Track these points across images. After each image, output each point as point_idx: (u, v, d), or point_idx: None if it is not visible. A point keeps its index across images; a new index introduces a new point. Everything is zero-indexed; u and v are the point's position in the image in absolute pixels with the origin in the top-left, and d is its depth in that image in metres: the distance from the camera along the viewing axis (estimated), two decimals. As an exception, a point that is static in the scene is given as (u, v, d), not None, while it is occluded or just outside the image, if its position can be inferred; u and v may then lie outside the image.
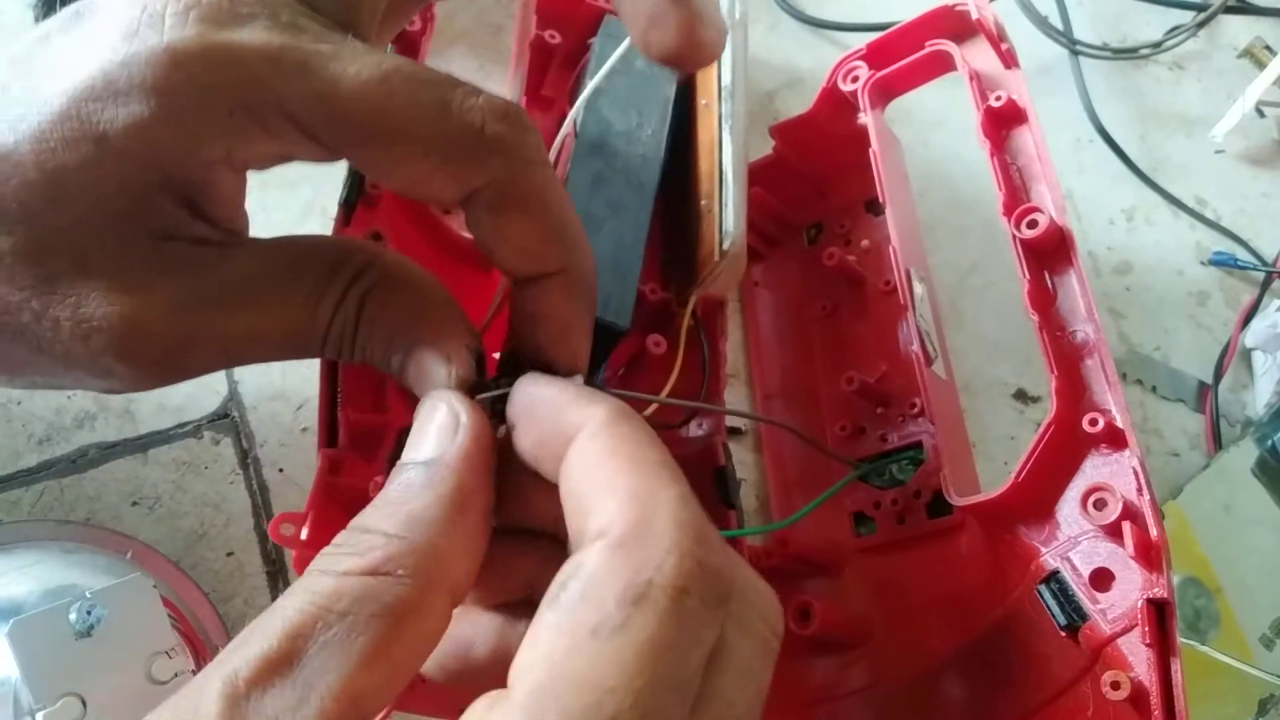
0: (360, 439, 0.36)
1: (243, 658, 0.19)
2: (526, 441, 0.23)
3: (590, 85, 0.39)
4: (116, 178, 0.22)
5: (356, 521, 0.21)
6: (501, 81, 0.53)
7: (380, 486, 0.33)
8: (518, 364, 0.25)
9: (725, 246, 0.40)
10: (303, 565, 0.32)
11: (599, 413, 0.22)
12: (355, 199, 0.37)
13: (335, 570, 0.20)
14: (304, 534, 0.32)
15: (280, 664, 0.19)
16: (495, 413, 0.24)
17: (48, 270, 0.23)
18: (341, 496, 0.35)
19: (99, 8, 0.23)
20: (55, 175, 0.22)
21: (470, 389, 0.24)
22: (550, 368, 0.25)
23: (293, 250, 0.25)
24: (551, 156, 0.39)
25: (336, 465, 0.34)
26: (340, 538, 0.21)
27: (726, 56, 0.44)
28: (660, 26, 0.26)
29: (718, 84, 0.43)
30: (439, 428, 0.23)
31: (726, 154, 0.42)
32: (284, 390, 0.48)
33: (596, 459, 0.21)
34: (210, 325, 0.24)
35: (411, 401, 0.25)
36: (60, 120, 0.22)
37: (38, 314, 0.23)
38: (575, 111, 0.39)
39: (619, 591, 0.19)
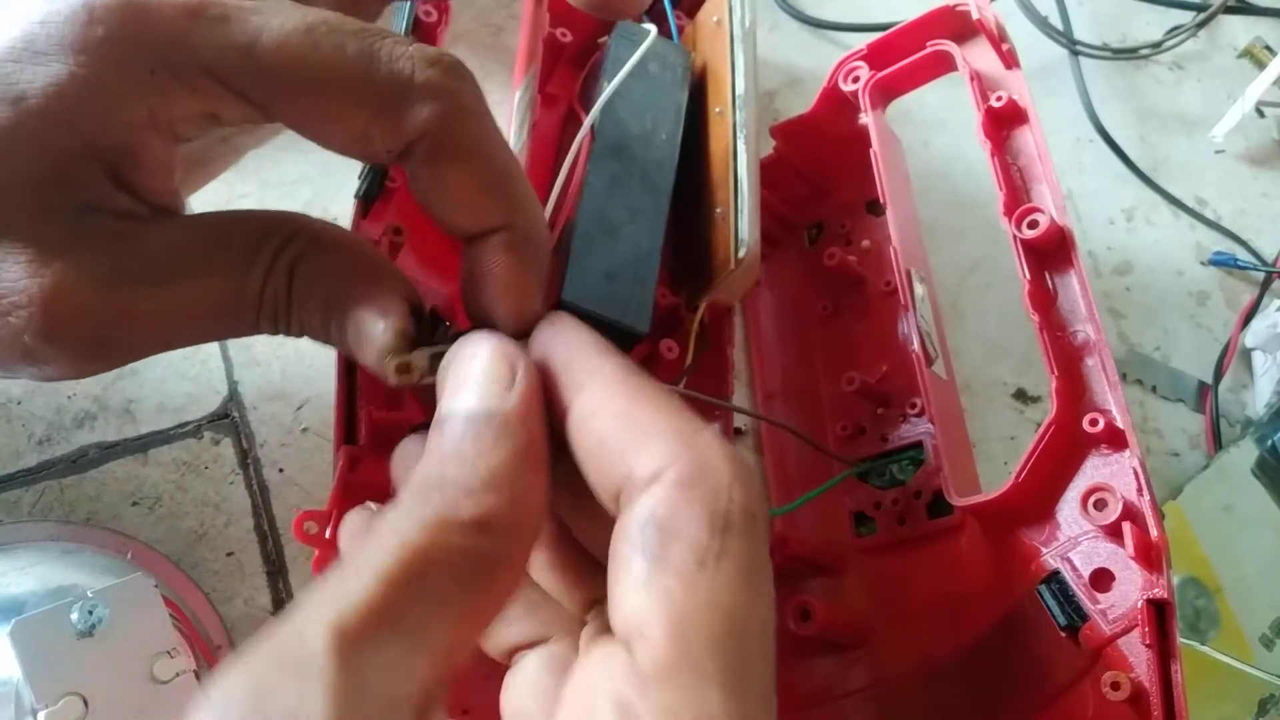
0: (379, 436, 0.35)
1: (345, 604, 0.18)
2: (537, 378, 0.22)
3: (610, 87, 0.38)
4: (36, 142, 0.22)
5: (430, 475, 0.20)
6: (502, 81, 0.53)
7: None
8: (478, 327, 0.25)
9: (741, 254, 0.40)
10: (323, 565, 0.32)
11: (612, 363, 0.22)
12: (376, 192, 0.36)
13: (428, 521, 0.19)
14: (329, 532, 0.32)
15: (384, 614, 0.18)
16: (433, 369, 0.23)
17: None
18: (361, 494, 0.34)
19: None
20: None
21: (410, 344, 0.23)
22: (497, 328, 0.24)
23: (219, 222, 0.24)
24: (570, 158, 0.39)
25: (356, 462, 0.34)
26: (417, 491, 0.20)
27: (740, 65, 0.44)
28: None
29: (731, 92, 0.43)
30: (491, 377, 0.22)
31: (741, 162, 0.42)
32: (284, 390, 0.48)
33: (627, 406, 0.21)
34: (138, 300, 0.23)
35: (424, 396, 0.24)
36: None
37: None
38: (594, 114, 0.39)
39: (707, 524, 0.19)
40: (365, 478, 0.34)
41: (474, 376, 0.22)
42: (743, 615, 0.18)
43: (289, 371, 0.48)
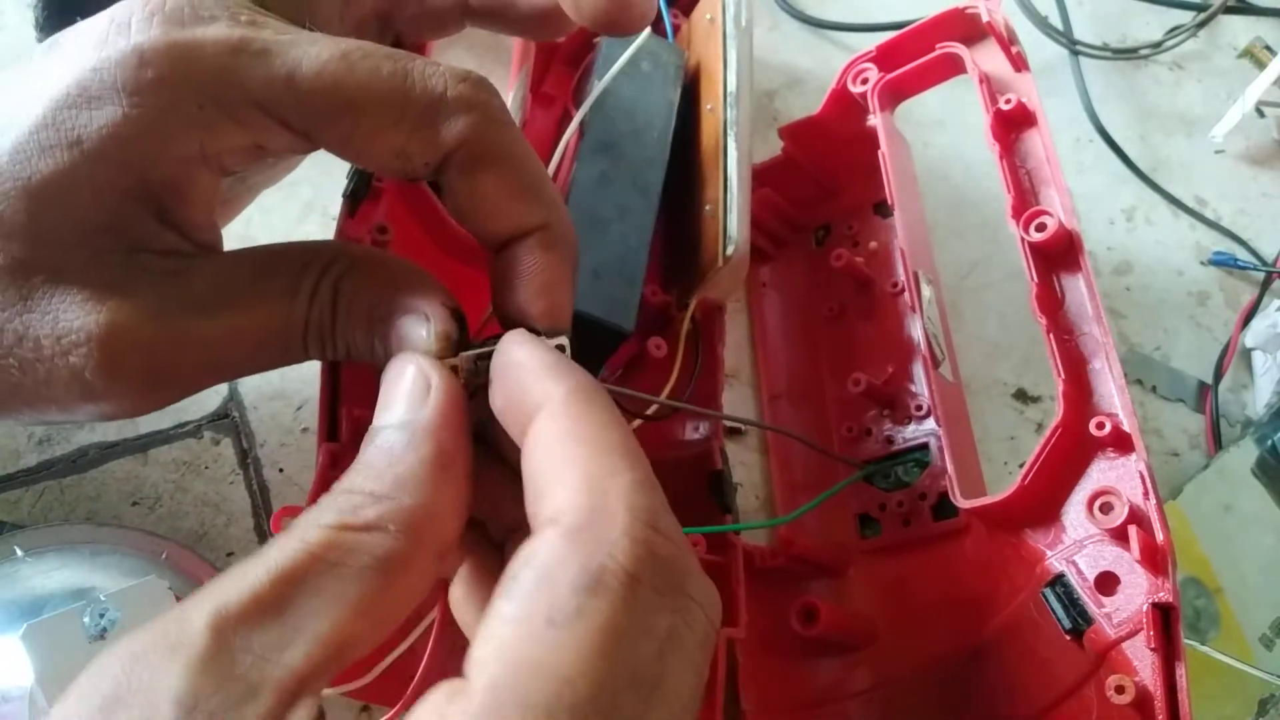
0: (360, 434, 0.35)
1: (231, 593, 0.19)
2: (498, 404, 0.23)
3: (599, 86, 0.38)
4: (91, 185, 0.23)
5: (342, 485, 0.21)
6: (501, 81, 0.52)
7: None
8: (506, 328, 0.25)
9: (729, 252, 0.40)
10: None
11: (558, 391, 0.21)
12: (364, 192, 0.37)
13: (326, 524, 0.20)
14: None
15: (270, 604, 0.19)
16: (480, 370, 0.24)
17: (27, 287, 0.23)
18: None
19: (77, 29, 0.23)
20: (32, 186, 0.22)
21: (454, 347, 0.24)
22: (532, 329, 0.25)
23: (260, 255, 0.25)
24: (557, 156, 0.39)
25: (337, 459, 0.34)
26: (326, 500, 0.21)
27: (733, 62, 0.44)
28: None
29: (723, 89, 0.43)
30: (409, 390, 0.23)
31: (731, 160, 0.42)
32: (284, 390, 0.47)
33: (552, 441, 0.21)
34: (190, 331, 0.24)
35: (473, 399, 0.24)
36: (37, 129, 0.22)
37: (19, 335, 0.23)
38: (583, 111, 0.39)
39: (572, 579, 0.18)
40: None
41: (396, 394, 0.23)
42: (576, 684, 0.17)
43: (289, 372, 0.47)
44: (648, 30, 0.41)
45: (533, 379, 0.22)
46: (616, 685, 0.18)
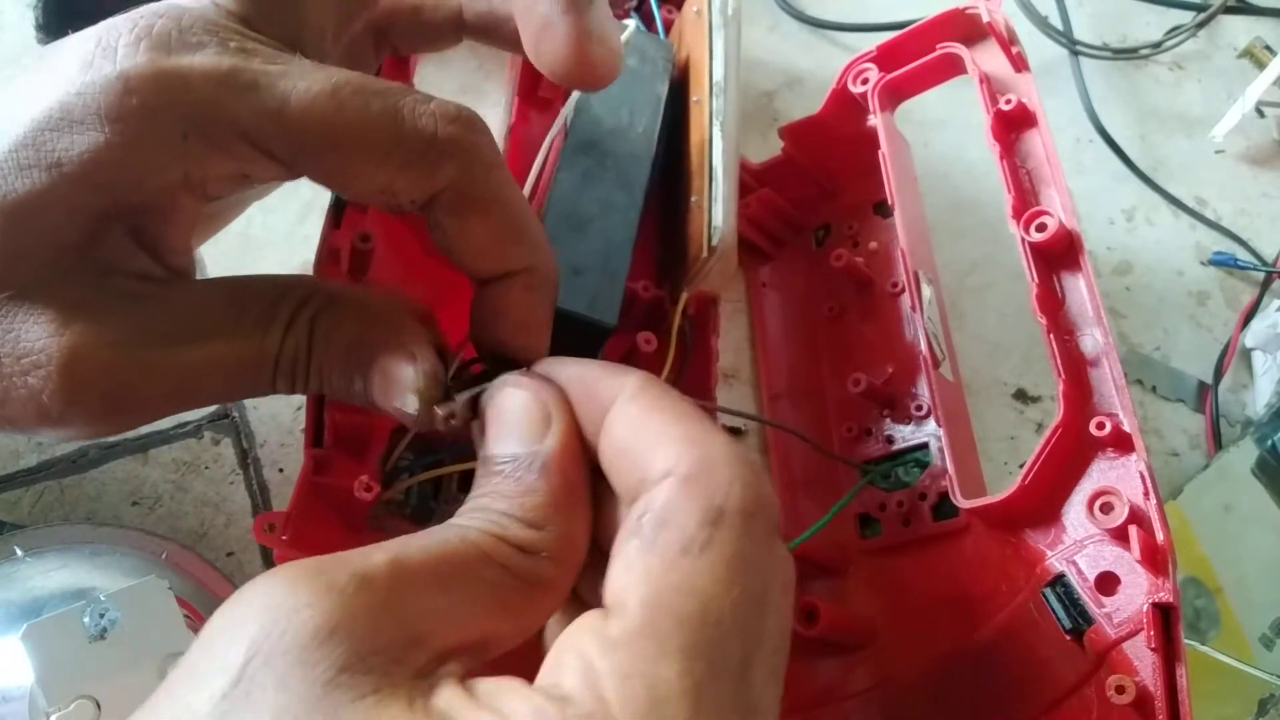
0: (346, 439, 0.35)
1: (411, 550, 0.20)
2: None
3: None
4: (67, 207, 0.22)
5: (479, 504, 0.22)
6: (501, 81, 0.53)
7: (366, 485, 0.33)
8: (489, 359, 0.26)
9: (714, 243, 0.40)
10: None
11: (630, 381, 0.23)
12: (345, 200, 0.37)
13: (485, 530, 0.21)
14: (285, 535, 0.32)
15: (440, 576, 0.20)
16: (474, 412, 0.24)
17: None
18: (327, 496, 0.35)
19: (62, 47, 0.23)
20: (5, 204, 0.22)
21: (440, 385, 0.24)
22: (511, 360, 0.26)
23: (234, 286, 0.25)
24: (541, 156, 0.39)
25: (323, 466, 0.34)
26: (473, 513, 0.22)
27: (719, 52, 0.44)
28: (550, 35, 0.26)
29: (709, 80, 0.43)
30: (530, 420, 0.23)
31: (716, 150, 0.42)
32: (284, 390, 0.48)
33: (640, 418, 0.22)
34: (153, 363, 0.24)
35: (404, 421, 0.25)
36: (16, 149, 0.22)
37: None
38: (565, 111, 0.39)
39: (698, 516, 0.20)
40: (332, 480, 0.34)
41: (510, 423, 0.23)
42: (717, 601, 0.19)
43: (290, 371, 0.48)
44: (633, 25, 0.41)
45: (597, 378, 0.23)
46: (744, 604, 0.20)
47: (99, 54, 0.22)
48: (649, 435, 0.22)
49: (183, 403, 0.25)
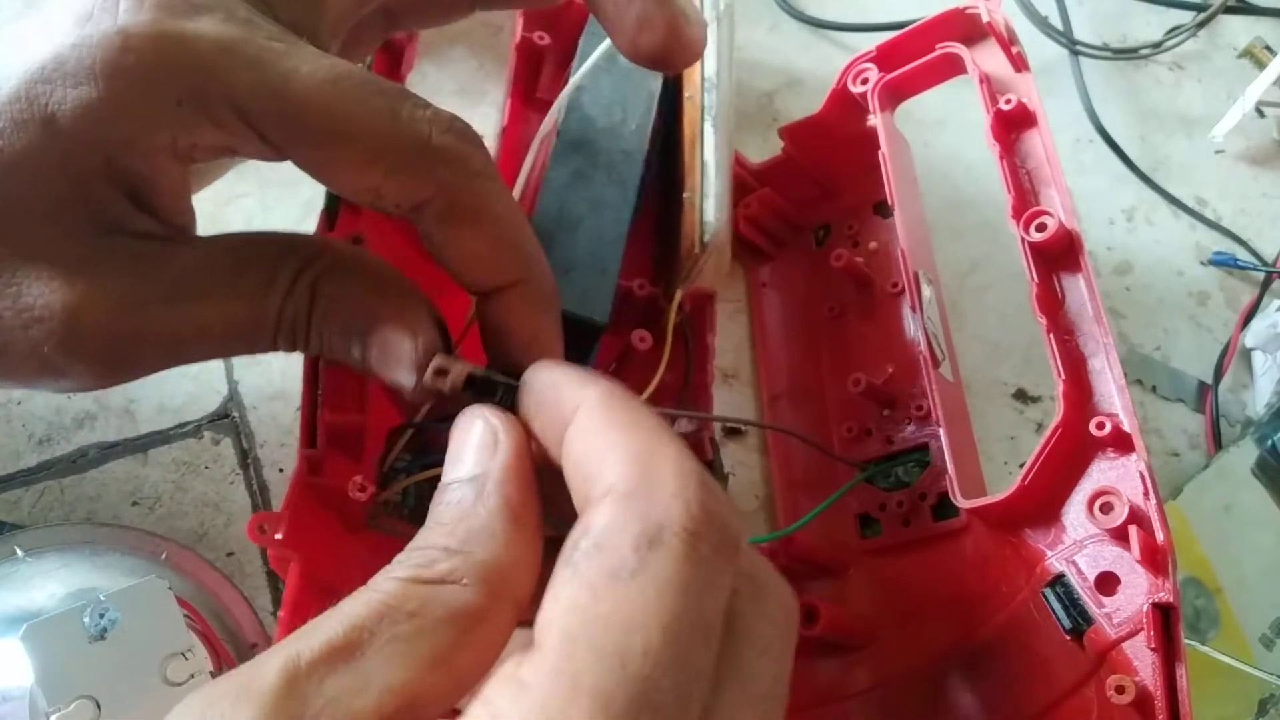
0: (340, 439, 0.35)
1: (305, 642, 0.19)
2: (536, 429, 0.23)
3: (571, 83, 0.38)
4: (61, 161, 0.22)
5: (415, 542, 0.21)
6: (500, 81, 0.52)
7: (360, 486, 0.33)
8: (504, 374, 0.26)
9: (706, 239, 0.40)
10: (279, 564, 0.33)
11: (592, 392, 0.22)
12: (338, 201, 0.37)
13: (400, 577, 0.20)
14: (279, 534, 0.32)
15: (344, 652, 0.19)
16: (468, 384, 0.24)
17: None
18: (323, 497, 0.35)
19: None
20: (2, 160, 0.22)
21: (439, 362, 0.24)
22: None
23: (237, 244, 0.25)
24: (532, 156, 0.39)
25: (316, 466, 0.34)
26: (401, 556, 0.21)
27: (711, 48, 0.44)
28: (649, 29, 0.27)
29: (701, 76, 0.43)
30: (478, 445, 0.23)
31: (708, 146, 0.42)
32: (284, 390, 0.47)
33: (595, 430, 0.21)
34: (154, 320, 0.23)
35: (395, 400, 0.25)
36: (9, 102, 0.22)
37: None
38: (555, 110, 0.39)
39: (633, 538, 0.19)
40: (326, 480, 0.34)
41: (464, 448, 0.23)
42: (645, 632, 0.18)
43: (289, 371, 0.48)
44: None
45: (565, 386, 0.23)
46: (684, 634, 0.18)
47: (99, 5, 0.22)
48: (597, 452, 0.21)
49: (182, 358, 0.25)
